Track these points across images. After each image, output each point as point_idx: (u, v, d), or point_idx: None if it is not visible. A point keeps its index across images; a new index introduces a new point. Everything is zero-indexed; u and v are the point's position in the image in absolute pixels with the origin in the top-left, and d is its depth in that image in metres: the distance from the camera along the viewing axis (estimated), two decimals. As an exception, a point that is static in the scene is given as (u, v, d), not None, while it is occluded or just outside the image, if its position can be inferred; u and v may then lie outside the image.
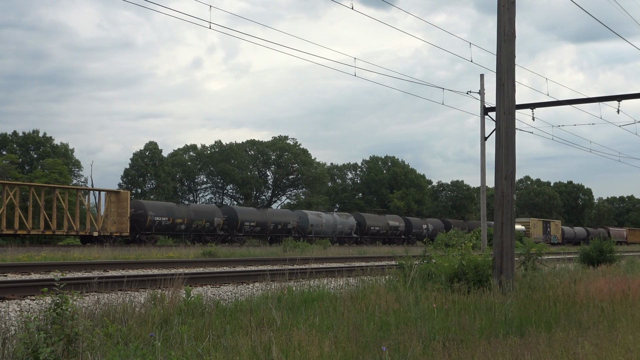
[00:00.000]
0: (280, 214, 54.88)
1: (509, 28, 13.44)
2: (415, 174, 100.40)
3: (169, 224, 43.44)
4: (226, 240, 47.31)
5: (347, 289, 12.05)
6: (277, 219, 52.31)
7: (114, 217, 40.37)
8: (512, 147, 13.33)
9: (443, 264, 13.10)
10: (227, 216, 48.39)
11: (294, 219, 53.66)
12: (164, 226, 43.27)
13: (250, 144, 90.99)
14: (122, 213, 40.54)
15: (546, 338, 7.63)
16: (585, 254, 23.77)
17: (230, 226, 48.00)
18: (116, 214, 40.49)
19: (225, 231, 47.70)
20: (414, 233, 65.42)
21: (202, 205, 53.05)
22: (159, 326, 7.69)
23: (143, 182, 76.34)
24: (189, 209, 45.75)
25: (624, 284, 13.22)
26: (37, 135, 70.05)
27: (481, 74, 30.80)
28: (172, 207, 44.67)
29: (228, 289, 13.85)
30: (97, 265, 19.09)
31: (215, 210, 48.29)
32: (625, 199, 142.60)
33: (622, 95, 24.98)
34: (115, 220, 40.40)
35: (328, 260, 25.65)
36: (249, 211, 52.08)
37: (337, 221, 57.05)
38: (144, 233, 42.09)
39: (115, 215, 40.45)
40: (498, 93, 13.49)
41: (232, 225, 48.08)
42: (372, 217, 63.02)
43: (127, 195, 41.25)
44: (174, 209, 44.38)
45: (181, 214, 44.55)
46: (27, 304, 10.56)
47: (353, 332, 7.49)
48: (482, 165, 30.08)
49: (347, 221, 58.16)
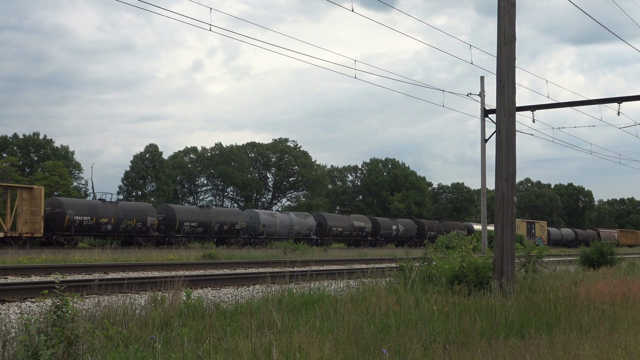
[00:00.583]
0: (227, 213, 50.51)
1: (509, 30, 13.45)
2: (415, 176, 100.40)
3: (91, 223, 39.53)
4: (162, 242, 43.56)
5: (347, 291, 12.05)
6: (223, 218, 47.95)
7: (26, 216, 36.26)
8: (513, 149, 13.33)
9: (443, 266, 13.09)
10: (163, 216, 44.48)
11: (242, 219, 49.46)
12: (85, 226, 39.26)
13: (250, 147, 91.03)
14: (35, 212, 36.60)
15: (547, 340, 7.62)
16: (586, 256, 23.77)
17: (168, 227, 43.99)
18: (29, 212, 36.47)
19: (162, 232, 43.72)
20: (382, 234, 61.57)
21: (134, 203, 47.93)
22: (159, 328, 7.69)
23: (143, 184, 76.36)
24: (116, 208, 41.70)
25: (625, 286, 13.22)
26: (38, 137, 70.11)
27: (481, 76, 30.83)
28: (96, 206, 40.87)
29: (228, 291, 13.84)
30: (98, 268, 19.09)
31: (148, 209, 44.14)
32: (626, 201, 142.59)
33: (623, 97, 24.98)
34: (28, 220, 36.31)
35: (328, 263, 25.64)
36: (190, 210, 48.22)
37: (294, 221, 52.91)
38: (61, 234, 38.32)
39: (28, 214, 36.40)
40: (498, 95, 13.49)
41: (169, 225, 44.07)
42: (334, 217, 59.40)
43: (40, 192, 37.15)
44: (98, 208, 40.54)
45: (107, 213, 40.49)
46: (27, 306, 10.57)
47: (353, 335, 7.49)
48: (483, 168, 30.09)
49: (305, 221, 53.98)
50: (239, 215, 50.32)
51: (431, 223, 69.70)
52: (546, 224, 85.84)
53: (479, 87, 30.24)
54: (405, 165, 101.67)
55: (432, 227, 68.09)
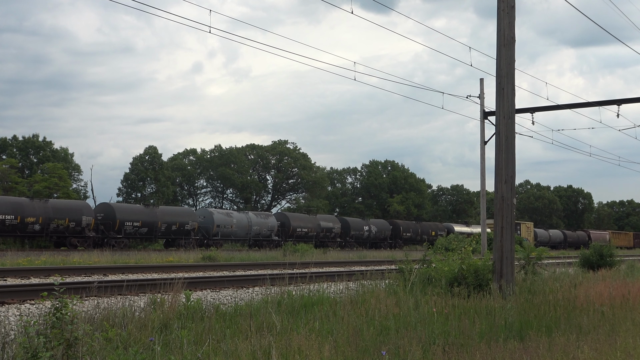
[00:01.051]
0: (176, 212, 46.36)
1: (509, 32, 13.46)
2: (415, 178, 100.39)
3: (15, 223, 36.16)
4: (101, 244, 39.94)
5: (347, 293, 12.04)
6: (171, 218, 44.06)
7: None
8: (512, 151, 13.34)
9: (443, 268, 13.10)
10: (102, 215, 41.13)
11: (194, 219, 45.74)
12: (8, 226, 35.90)
13: (250, 148, 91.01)
14: None
15: (546, 342, 7.62)
16: (586, 258, 23.79)
17: (107, 227, 40.46)
18: None
19: (100, 233, 40.29)
20: (353, 236, 57.91)
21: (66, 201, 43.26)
22: (158, 330, 7.68)
23: (143, 186, 76.32)
24: (46, 206, 38.10)
25: (624, 288, 13.22)
26: (37, 139, 70.09)
27: (481, 78, 30.84)
28: (21, 204, 37.30)
29: (228, 293, 13.84)
30: (97, 270, 19.08)
31: (83, 207, 40.47)
32: (625, 203, 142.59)
33: (622, 99, 25.00)
34: None
35: (328, 265, 25.63)
36: (132, 209, 43.71)
37: (253, 221, 49.12)
38: (-23, 235, 34.87)
39: None
40: (498, 97, 13.50)
41: (108, 225, 40.53)
42: (298, 217, 55.11)
43: None
44: (23, 206, 37.06)
45: (34, 212, 37.07)
46: (26, 308, 10.56)
47: (353, 337, 7.49)
48: (482, 170, 30.09)
49: (265, 221, 50.37)
50: (190, 214, 46.90)
51: (407, 224, 66.40)
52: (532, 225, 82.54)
53: (479, 89, 30.26)
54: (404, 167, 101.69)
55: (407, 228, 64.74)
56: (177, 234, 44.27)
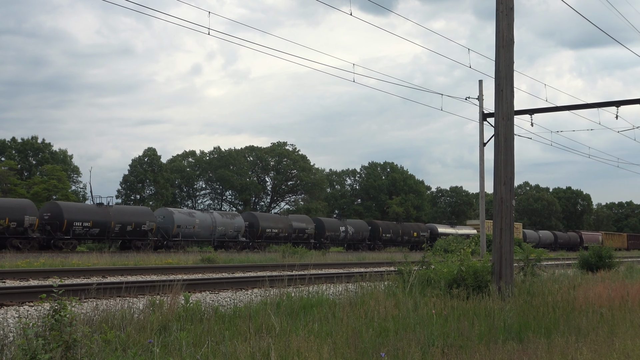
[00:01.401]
0: (132, 212, 43.36)
1: (508, 34, 13.47)
2: (414, 179, 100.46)
3: None
4: (46, 245, 37.58)
5: (346, 294, 12.03)
6: (126, 218, 41.20)
7: None
8: (511, 153, 13.34)
9: (442, 269, 13.10)
10: (49, 214, 38.52)
11: (151, 219, 42.66)
12: None
13: (249, 150, 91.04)
14: None
15: (545, 344, 7.62)
16: (584, 260, 23.81)
17: (54, 227, 37.88)
18: None
19: (46, 234, 37.70)
20: (328, 237, 54.72)
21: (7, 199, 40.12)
22: (157, 332, 7.68)
23: (142, 188, 76.34)
24: None
25: (623, 290, 13.23)
26: (36, 141, 70.11)
27: (480, 80, 30.88)
28: None
29: (227, 295, 13.83)
30: (96, 272, 19.06)
31: (26, 206, 37.46)
32: (624, 205, 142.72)
33: (621, 101, 25.03)
34: None
35: (327, 267, 25.63)
36: (82, 208, 40.86)
37: (218, 222, 46.32)
38: None
39: None
40: (497, 99, 13.51)
41: (55, 226, 37.96)
42: (269, 218, 52.44)
43: None
44: None
45: None
46: (25, 310, 10.55)
47: (352, 338, 7.48)
48: (481, 171, 30.11)
49: (231, 222, 47.43)
50: (147, 214, 43.64)
51: (387, 224, 63.38)
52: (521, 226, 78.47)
53: (478, 90, 30.29)
54: (403, 169, 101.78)
55: (387, 229, 61.44)
56: (133, 235, 41.55)
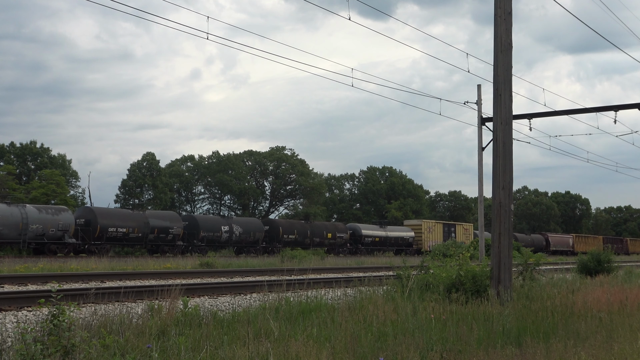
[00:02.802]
0: None
1: (506, 39, 13.50)
2: (412, 184, 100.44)
3: None
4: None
5: (344, 299, 12.04)
6: None
7: None
8: (510, 158, 13.36)
9: (441, 274, 13.10)
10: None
11: None
12: None
13: (247, 155, 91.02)
14: None
15: (544, 349, 7.62)
16: (583, 264, 23.84)
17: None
18: None
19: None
20: (204, 238, 45.46)
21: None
22: (156, 337, 7.67)
23: (141, 193, 76.27)
24: None
25: (622, 294, 13.23)
26: (35, 146, 70.05)
27: (478, 85, 30.89)
28: None
29: (225, 299, 13.82)
30: (95, 276, 19.05)
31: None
32: (623, 209, 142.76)
33: (619, 105, 25.03)
34: None
35: (326, 271, 25.63)
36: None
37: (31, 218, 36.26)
38: None
39: None
40: (495, 103, 13.53)
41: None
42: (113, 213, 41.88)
43: None
44: None
45: None
46: (24, 315, 10.54)
47: (351, 343, 7.48)
48: (480, 176, 30.11)
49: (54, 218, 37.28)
50: None
51: (291, 224, 53.26)
52: (472, 227, 70.67)
53: (476, 95, 30.31)
54: (402, 174, 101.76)
55: (291, 229, 51.45)
56: None
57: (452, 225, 68.67)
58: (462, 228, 69.33)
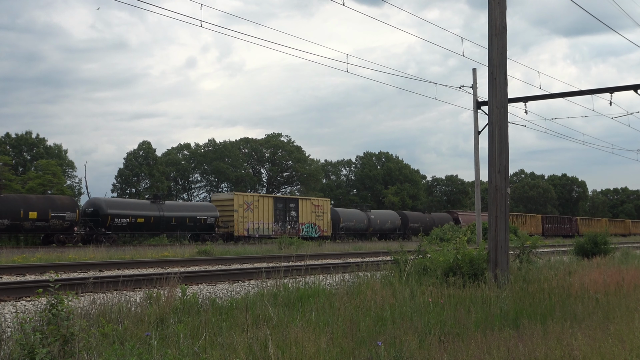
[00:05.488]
0: None
1: (500, 22, 13.47)
2: (409, 169, 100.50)
3: None
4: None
5: (342, 285, 12.07)
6: None
7: None
8: (505, 141, 13.37)
9: (438, 258, 13.14)
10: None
11: None
12: None
13: (244, 142, 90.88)
14: None
15: (541, 330, 7.66)
16: (580, 246, 23.91)
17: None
18: None
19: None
20: None
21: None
22: (155, 325, 7.70)
23: (137, 182, 76.17)
24: None
25: (618, 276, 13.30)
26: (30, 136, 69.86)
27: (473, 68, 30.82)
28: None
29: (224, 287, 13.86)
30: (92, 266, 19.06)
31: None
32: (620, 191, 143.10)
33: (615, 87, 25.00)
34: None
35: (323, 257, 25.68)
36: None
37: None
38: None
39: None
40: (490, 87, 13.52)
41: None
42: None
43: None
44: None
45: None
46: (22, 305, 10.56)
47: (349, 328, 7.52)
48: (476, 160, 30.10)
49: None
50: None
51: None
52: (327, 202, 54.74)
53: (472, 79, 30.26)
54: (399, 159, 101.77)
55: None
56: None
57: (292, 200, 51.23)
58: (309, 204, 51.52)
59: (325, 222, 52.84)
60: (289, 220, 49.28)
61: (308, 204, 51.38)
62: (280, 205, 49.22)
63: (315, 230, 51.40)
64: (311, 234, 50.45)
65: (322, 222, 52.48)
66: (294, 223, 49.61)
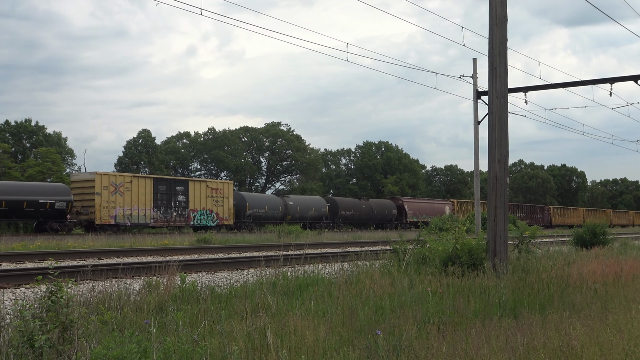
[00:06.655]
0: None
1: (501, 11, 13.42)
2: (409, 159, 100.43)
3: None
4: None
5: (341, 274, 12.09)
6: None
7: None
8: (505, 131, 13.35)
9: (437, 248, 13.15)
10: None
11: None
12: None
13: (243, 131, 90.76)
14: None
15: (539, 320, 7.68)
16: (579, 237, 23.94)
17: None
18: None
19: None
20: None
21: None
22: (154, 313, 7.71)
23: (137, 170, 76.14)
24: None
25: (617, 266, 13.31)
26: (30, 124, 69.76)
27: (474, 58, 30.74)
28: None
29: (223, 275, 13.88)
30: (92, 254, 19.09)
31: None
32: (619, 182, 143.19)
33: (615, 77, 24.94)
34: None
35: (322, 246, 25.72)
36: None
37: None
38: None
39: None
40: (490, 77, 13.49)
41: None
42: None
43: None
44: None
45: None
46: (22, 292, 10.57)
47: (348, 317, 7.53)
48: (476, 150, 30.08)
49: None
50: None
51: None
52: (230, 186, 47.05)
53: (472, 69, 30.18)
54: (398, 148, 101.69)
55: None
56: None
57: (181, 182, 43.56)
58: (204, 187, 44.38)
59: (227, 209, 45.48)
60: (176, 205, 42.22)
61: (202, 187, 44.08)
62: (162, 187, 41.58)
63: (212, 218, 44.37)
64: (206, 223, 43.69)
65: (221, 208, 45.04)
66: (181, 209, 42.49)
